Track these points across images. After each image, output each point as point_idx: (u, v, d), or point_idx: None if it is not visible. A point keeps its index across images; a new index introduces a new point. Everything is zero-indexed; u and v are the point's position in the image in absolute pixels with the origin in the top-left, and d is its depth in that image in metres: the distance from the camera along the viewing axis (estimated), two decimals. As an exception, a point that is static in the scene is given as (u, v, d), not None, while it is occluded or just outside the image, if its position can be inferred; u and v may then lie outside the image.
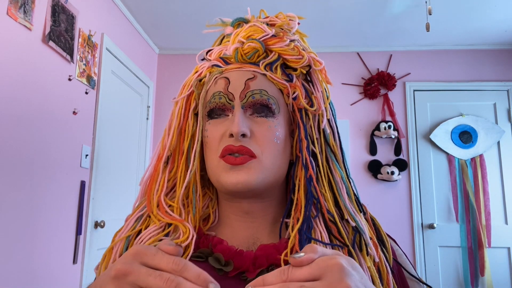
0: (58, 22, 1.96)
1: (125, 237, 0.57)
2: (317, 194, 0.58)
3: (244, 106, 0.58)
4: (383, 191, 3.17)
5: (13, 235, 1.67)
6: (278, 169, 0.58)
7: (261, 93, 0.58)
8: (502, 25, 2.96)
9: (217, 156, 0.57)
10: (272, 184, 0.59)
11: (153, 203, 0.58)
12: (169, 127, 0.63)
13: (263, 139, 0.57)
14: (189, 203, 0.59)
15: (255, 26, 0.65)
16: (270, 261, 0.54)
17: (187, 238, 0.55)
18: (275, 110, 0.59)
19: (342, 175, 0.61)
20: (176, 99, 0.63)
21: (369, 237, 0.58)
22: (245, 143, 0.55)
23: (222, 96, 0.58)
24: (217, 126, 0.59)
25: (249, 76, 0.59)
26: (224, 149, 0.56)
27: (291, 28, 0.67)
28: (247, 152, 0.55)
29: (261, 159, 0.56)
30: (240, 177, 0.55)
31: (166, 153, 0.62)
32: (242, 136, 0.55)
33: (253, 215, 0.60)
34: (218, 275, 0.53)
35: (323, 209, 0.57)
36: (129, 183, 2.83)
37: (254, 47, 0.62)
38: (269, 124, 0.58)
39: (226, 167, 0.56)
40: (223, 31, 0.72)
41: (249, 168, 0.55)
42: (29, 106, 1.78)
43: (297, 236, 0.54)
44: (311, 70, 0.64)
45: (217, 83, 0.60)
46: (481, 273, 2.97)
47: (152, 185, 0.60)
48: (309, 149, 0.60)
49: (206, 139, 0.59)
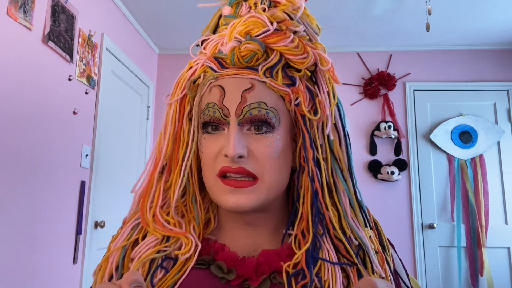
0: (58, 22, 1.96)
1: (121, 246, 0.55)
2: (322, 210, 0.54)
3: (240, 123, 0.53)
4: (383, 191, 3.17)
5: (13, 235, 1.67)
6: (281, 184, 0.56)
7: (259, 106, 0.53)
8: (502, 25, 2.96)
9: (214, 175, 0.54)
10: (274, 199, 0.56)
11: (148, 217, 0.56)
12: (164, 132, 0.59)
13: (263, 157, 0.53)
14: (189, 213, 0.57)
15: (254, 18, 0.57)
16: (273, 268, 0.53)
17: (189, 250, 0.53)
18: (275, 123, 0.54)
19: (345, 187, 0.57)
20: (169, 101, 0.59)
21: (375, 251, 0.56)
22: (243, 164, 0.52)
23: (217, 110, 0.53)
24: (212, 142, 0.55)
25: (246, 86, 0.54)
26: (221, 170, 0.53)
27: (297, 8, 0.59)
28: (246, 173, 0.52)
29: (263, 178, 0.53)
30: (240, 202, 0.52)
31: (161, 163, 0.58)
32: (239, 157, 0.52)
33: (254, 224, 0.58)
34: (221, 283, 0.52)
35: (329, 225, 0.54)
36: (129, 183, 2.83)
37: (252, 50, 0.54)
38: (268, 140, 0.53)
39: (225, 189, 0.53)
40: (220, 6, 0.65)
41: (250, 192, 0.53)
42: (29, 106, 1.78)
43: (304, 255, 0.52)
44: (317, 69, 0.58)
45: (211, 91, 0.55)
46: (480, 273, 2.97)
47: (145, 198, 0.57)
48: (315, 157, 0.56)
49: (201, 154, 0.56)
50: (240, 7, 0.61)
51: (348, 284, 0.52)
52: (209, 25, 0.65)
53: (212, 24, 0.65)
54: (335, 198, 0.56)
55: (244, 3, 0.61)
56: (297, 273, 0.51)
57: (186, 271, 0.52)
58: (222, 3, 0.65)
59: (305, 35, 0.58)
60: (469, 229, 3.06)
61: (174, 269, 0.52)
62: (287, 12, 0.59)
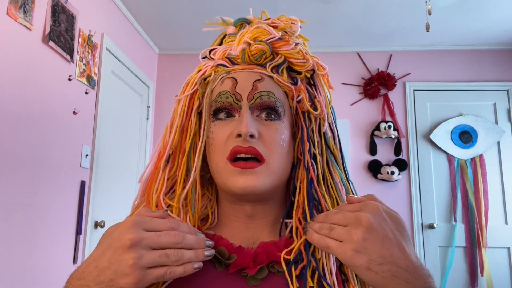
0: (58, 22, 1.96)
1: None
2: (317, 196, 0.58)
3: (251, 107, 0.58)
4: (383, 191, 3.17)
5: (13, 235, 1.67)
6: (284, 172, 0.59)
7: (268, 95, 0.58)
8: (502, 25, 2.96)
9: (223, 158, 0.57)
10: (277, 187, 0.59)
11: (152, 203, 0.58)
12: (171, 125, 0.62)
13: (271, 141, 0.57)
14: (188, 203, 0.59)
15: (260, 27, 0.64)
16: (271, 258, 0.55)
17: None
18: (281, 113, 0.59)
19: (342, 177, 0.62)
20: (179, 97, 0.63)
21: None
22: (253, 144, 0.55)
23: (229, 96, 0.58)
24: (223, 127, 0.58)
25: (256, 77, 0.59)
26: (232, 150, 0.56)
27: (294, 31, 0.67)
28: (256, 153, 0.55)
29: (268, 162, 0.56)
30: (249, 182, 0.55)
31: (168, 152, 0.61)
32: (251, 137, 0.55)
33: (254, 217, 0.60)
34: (218, 271, 0.54)
35: (324, 210, 0.57)
36: (129, 183, 2.83)
37: (262, 49, 0.61)
38: (276, 126, 0.58)
39: (234, 171, 0.56)
40: (223, 30, 0.71)
41: (258, 172, 0.55)
42: (29, 106, 1.78)
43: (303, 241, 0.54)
44: (315, 74, 0.64)
45: (223, 82, 0.59)
46: (481, 273, 2.97)
47: (152, 183, 0.60)
48: (311, 151, 0.60)
49: (211, 140, 0.59)
50: (243, 28, 0.68)
51: (341, 264, 0.55)
52: (214, 44, 0.72)
53: (217, 43, 0.71)
54: (332, 186, 0.61)
55: (247, 25, 0.68)
56: (295, 260, 0.54)
57: None
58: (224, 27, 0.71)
59: (303, 49, 0.65)
60: (469, 229, 3.06)
61: None
62: (286, 31, 0.66)
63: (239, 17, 0.70)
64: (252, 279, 0.53)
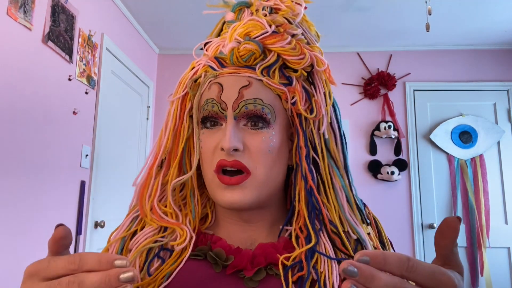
0: (58, 22, 1.96)
1: (121, 238, 0.56)
2: (318, 205, 0.56)
3: (236, 117, 0.55)
4: (383, 191, 3.17)
5: (13, 235, 1.67)
6: (273, 180, 0.57)
7: (255, 102, 0.55)
8: (502, 25, 2.96)
9: (211, 170, 0.56)
10: (269, 196, 0.57)
11: (146, 209, 0.57)
12: (165, 128, 0.61)
13: (257, 152, 0.55)
14: (187, 207, 0.58)
15: (254, 20, 0.60)
16: (269, 260, 0.54)
17: (184, 241, 0.54)
18: (270, 119, 0.56)
19: (342, 183, 0.58)
20: (171, 99, 0.61)
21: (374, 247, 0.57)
22: (238, 158, 0.54)
23: (215, 105, 0.56)
24: (210, 137, 0.57)
25: (243, 83, 0.56)
26: (218, 164, 0.55)
27: (297, 14, 0.62)
28: (241, 166, 0.54)
29: (255, 173, 0.55)
30: (235, 197, 0.54)
31: (160, 156, 0.60)
32: (235, 150, 0.54)
33: (251, 221, 0.59)
34: (216, 273, 0.53)
35: (325, 220, 0.55)
36: (129, 183, 2.82)
37: (251, 50, 0.57)
38: (263, 135, 0.55)
39: (220, 186, 0.55)
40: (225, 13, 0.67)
41: (243, 187, 0.54)
42: (29, 106, 1.78)
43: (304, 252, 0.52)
44: (314, 70, 0.60)
45: (210, 88, 0.57)
46: (481, 273, 2.97)
47: (144, 190, 0.59)
48: (309, 157, 0.57)
49: (201, 149, 0.58)
50: (242, 13, 0.64)
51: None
52: (214, 31, 0.68)
53: (217, 30, 0.68)
54: (332, 194, 0.58)
55: (247, 9, 0.64)
56: (294, 265, 0.52)
57: (182, 261, 0.53)
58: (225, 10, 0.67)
59: (303, 39, 0.61)
60: (469, 229, 3.06)
61: (170, 259, 0.54)
62: (287, 17, 0.62)
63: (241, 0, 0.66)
64: (249, 281, 0.52)
